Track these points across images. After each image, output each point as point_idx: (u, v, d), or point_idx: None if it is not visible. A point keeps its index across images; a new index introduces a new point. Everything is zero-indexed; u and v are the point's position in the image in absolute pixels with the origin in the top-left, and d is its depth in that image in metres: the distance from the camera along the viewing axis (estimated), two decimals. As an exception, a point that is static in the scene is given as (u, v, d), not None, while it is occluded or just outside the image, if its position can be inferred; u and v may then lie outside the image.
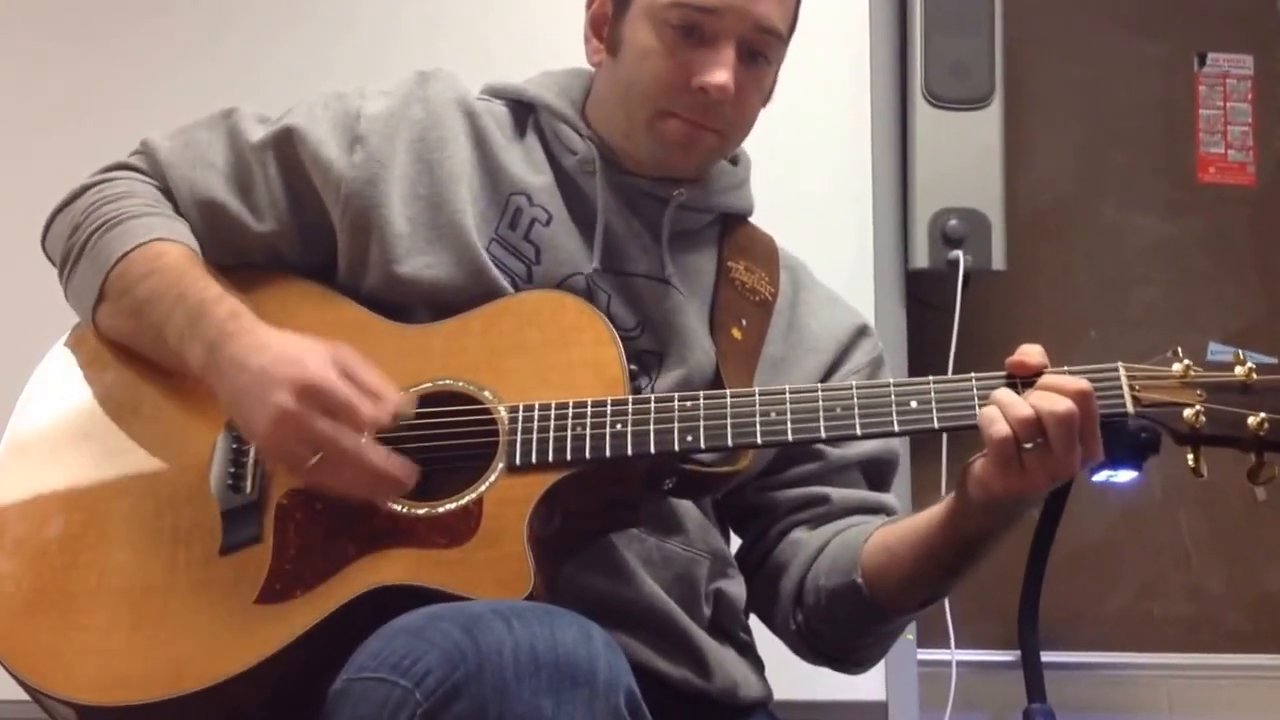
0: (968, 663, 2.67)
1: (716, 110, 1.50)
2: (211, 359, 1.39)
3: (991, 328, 2.75)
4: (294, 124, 1.55)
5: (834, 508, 1.57)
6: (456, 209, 1.52)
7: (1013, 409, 1.30)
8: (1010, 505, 1.35)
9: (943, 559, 1.42)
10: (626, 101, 1.54)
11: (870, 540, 1.48)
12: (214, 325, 1.40)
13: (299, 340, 1.37)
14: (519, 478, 1.36)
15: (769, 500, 1.59)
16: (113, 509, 1.41)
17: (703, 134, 1.52)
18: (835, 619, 1.51)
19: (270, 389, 1.32)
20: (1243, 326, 2.91)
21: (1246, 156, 3.01)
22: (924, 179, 2.64)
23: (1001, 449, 1.29)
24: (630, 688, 1.15)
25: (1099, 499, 2.82)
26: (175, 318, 1.42)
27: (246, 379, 1.35)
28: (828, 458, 1.58)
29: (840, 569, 1.49)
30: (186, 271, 1.46)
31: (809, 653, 1.58)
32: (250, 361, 1.35)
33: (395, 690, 1.10)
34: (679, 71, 1.49)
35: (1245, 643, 2.88)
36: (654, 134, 1.52)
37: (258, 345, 1.37)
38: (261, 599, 1.34)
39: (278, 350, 1.35)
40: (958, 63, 2.66)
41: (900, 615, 1.52)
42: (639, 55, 1.52)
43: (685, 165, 1.56)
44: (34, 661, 1.34)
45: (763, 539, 1.60)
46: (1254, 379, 1.33)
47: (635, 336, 1.54)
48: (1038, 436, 1.28)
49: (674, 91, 1.50)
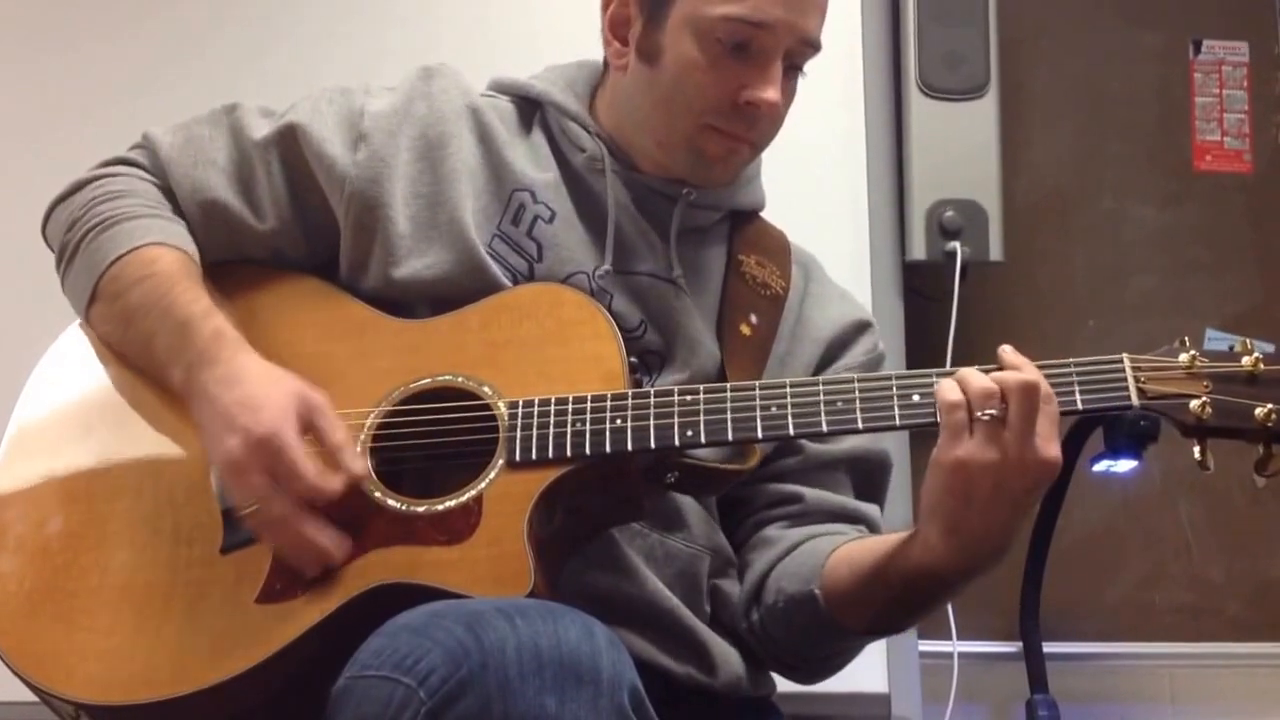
0: (970, 654, 2.67)
1: (757, 125, 1.50)
2: (188, 382, 1.40)
3: (989, 319, 2.75)
4: (298, 120, 1.54)
5: (808, 508, 1.55)
6: (456, 206, 1.52)
7: (970, 378, 1.29)
8: (960, 500, 1.29)
9: (890, 582, 1.39)
10: (668, 112, 1.52)
11: (836, 551, 1.46)
12: (194, 348, 1.40)
13: (271, 380, 1.37)
14: (519, 474, 1.36)
15: (747, 493, 1.58)
16: (114, 507, 1.41)
17: (741, 147, 1.53)
18: (789, 625, 1.49)
19: (225, 432, 1.33)
20: (1240, 313, 2.91)
21: (1243, 144, 3.01)
22: (920, 170, 2.63)
23: (952, 412, 1.28)
24: (634, 685, 1.14)
25: (1099, 489, 2.82)
26: (161, 333, 1.43)
27: (210, 413, 1.36)
28: (807, 453, 1.56)
29: (802, 576, 1.47)
30: (177, 282, 1.46)
31: (761, 654, 1.55)
32: (218, 396, 1.36)
33: (399, 688, 1.10)
34: (726, 86, 1.48)
35: (1246, 631, 2.87)
36: (693, 146, 1.52)
37: (229, 378, 1.37)
38: (262, 598, 1.33)
39: (244, 391, 1.35)
40: (952, 53, 2.66)
41: (853, 635, 1.49)
42: (684, 67, 1.49)
43: (721, 178, 1.56)
44: (37, 660, 1.34)
45: (735, 532, 1.59)
46: (1261, 369, 1.32)
47: (639, 336, 1.54)
48: (994, 405, 1.27)
49: (720, 106, 1.49)
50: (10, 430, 1.49)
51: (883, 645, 2.33)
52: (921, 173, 2.63)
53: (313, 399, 1.36)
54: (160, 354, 1.43)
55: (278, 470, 1.31)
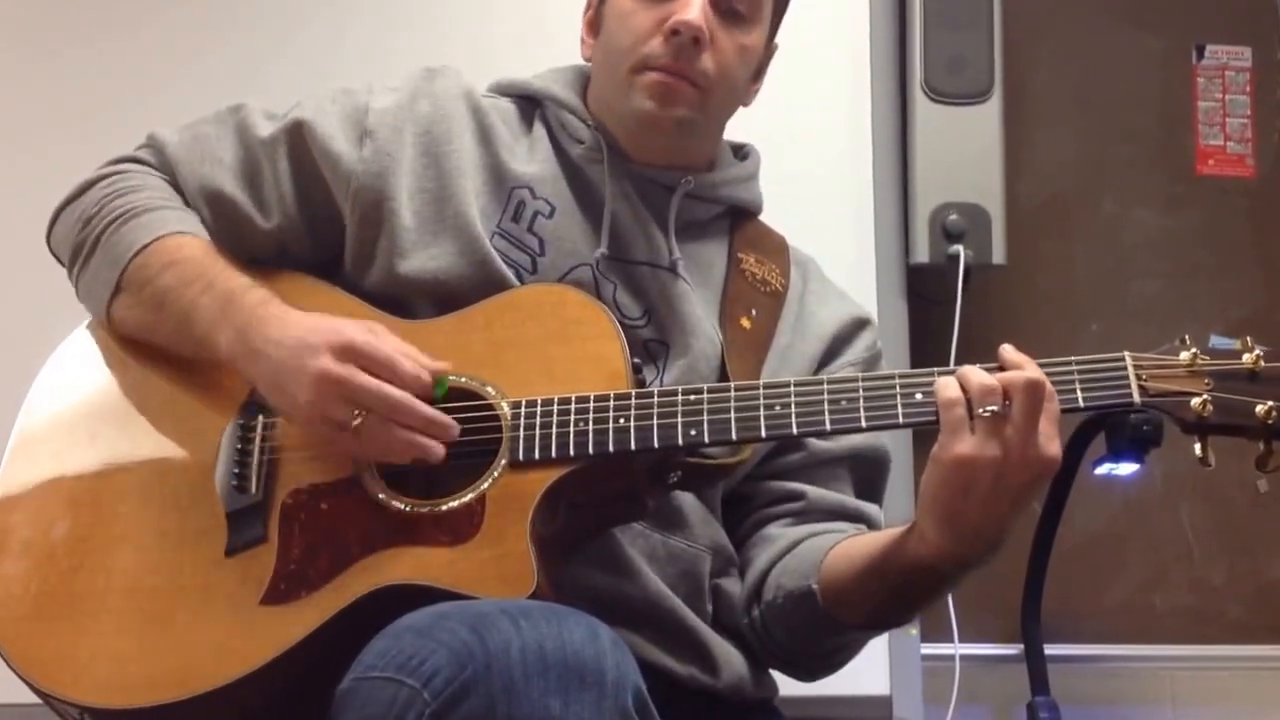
0: (971, 656, 2.67)
1: (691, 55, 1.51)
2: (243, 342, 1.40)
3: (993, 322, 2.75)
4: (304, 118, 1.55)
5: (810, 506, 1.56)
6: (462, 201, 1.52)
7: (969, 376, 1.29)
8: (959, 495, 1.28)
9: (887, 576, 1.39)
10: (613, 67, 1.56)
11: (835, 547, 1.47)
12: (244, 311, 1.42)
13: (330, 316, 1.40)
14: (522, 474, 1.36)
15: (748, 490, 1.58)
16: (119, 511, 1.42)
17: (680, 85, 1.52)
18: (788, 621, 1.50)
19: (309, 356, 1.34)
20: (1243, 318, 2.91)
21: (1245, 148, 3.01)
22: (924, 174, 2.64)
23: (951, 409, 1.28)
24: (638, 686, 1.15)
25: (1101, 492, 2.82)
26: (203, 304, 1.44)
27: (284, 353, 1.37)
28: (810, 450, 1.57)
29: (801, 572, 1.48)
30: (212, 263, 1.48)
31: (761, 651, 1.55)
32: (286, 337, 1.37)
33: (403, 690, 1.10)
34: (652, 20, 1.52)
35: (1247, 634, 2.88)
36: (634, 91, 1.53)
37: (292, 323, 1.39)
38: (266, 600, 1.34)
39: (312, 323, 1.38)
40: (957, 57, 2.66)
41: (850, 630, 1.49)
42: (618, 19, 1.56)
43: (665, 120, 1.54)
44: (42, 664, 1.34)
45: (738, 529, 1.59)
46: (1262, 366, 1.32)
47: (640, 325, 1.54)
48: (995, 402, 1.27)
49: (650, 40, 1.52)
50: (15, 434, 1.49)
51: (884, 647, 2.33)
52: (925, 176, 2.64)
53: (373, 323, 1.39)
54: (202, 324, 1.44)
55: (376, 364, 1.33)
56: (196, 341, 1.45)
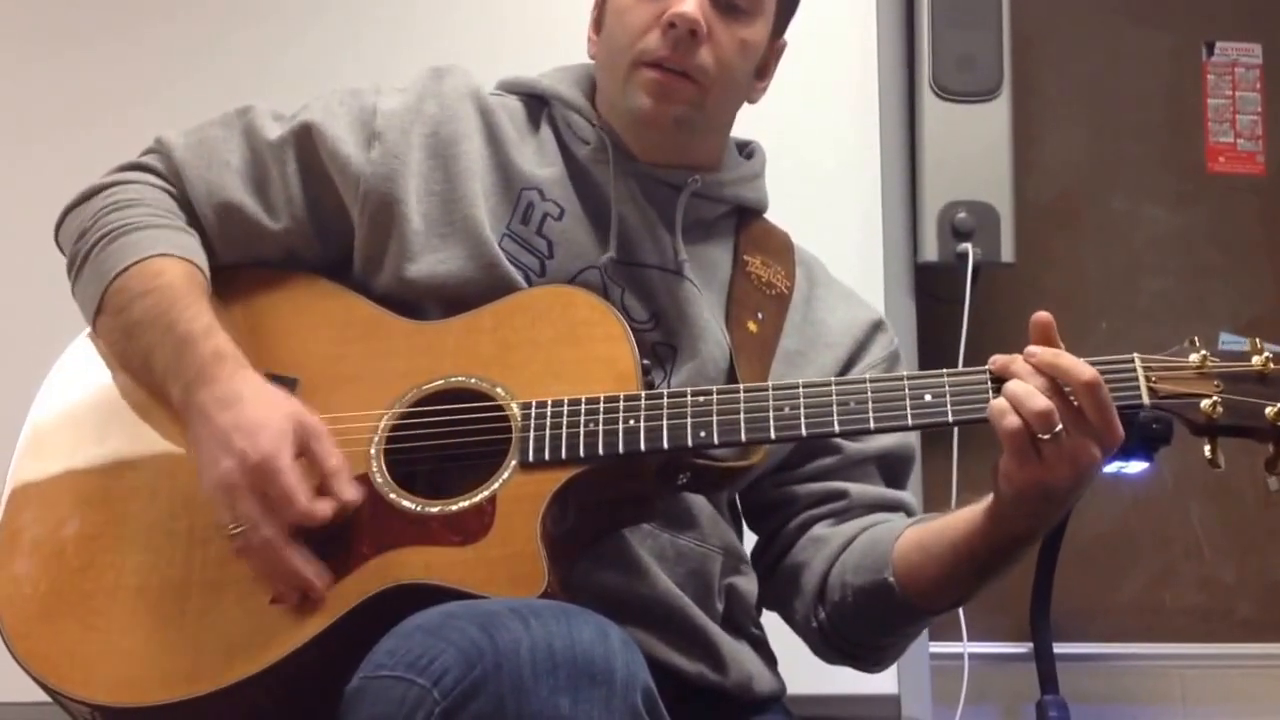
0: (980, 655, 2.67)
1: (688, 48, 1.51)
2: (185, 400, 1.39)
3: (1001, 320, 2.74)
4: (312, 120, 1.55)
5: (853, 503, 1.57)
6: (470, 203, 1.52)
7: (1024, 402, 1.28)
8: (1039, 499, 1.31)
9: (980, 558, 1.40)
10: (613, 63, 1.56)
11: (902, 538, 1.47)
12: (193, 367, 1.40)
13: (269, 403, 1.37)
14: (532, 474, 1.36)
15: (787, 495, 1.59)
16: (129, 509, 1.42)
17: (677, 81, 1.52)
18: (862, 616, 1.50)
19: (221, 452, 1.33)
20: (1254, 316, 2.91)
21: (1256, 145, 3.01)
22: (932, 172, 2.64)
23: (1014, 441, 1.28)
24: (647, 685, 1.15)
25: (1110, 490, 2.82)
26: (160, 350, 1.43)
27: (206, 433, 1.36)
28: (845, 452, 1.58)
29: (869, 566, 1.48)
30: (180, 297, 1.45)
31: (829, 650, 1.57)
32: (214, 417, 1.36)
33: (413, 689, 1.10)
34: (650, 15, 1.52)
35: (1257, 632, 2.88)
36: (632, 86, 1.53)
37: (227, 399, 1.36)
38: (276, 599, 1.33)
39: (241, 412, 1.35)
40: (966, 55, 2.66)
41: (930, 614, 1.51)
42: (616, 16, 1.56)
43: (662, 117, 1.53)
44: (52, 662, 1.34)
45: (781, 534, 1.60)
46: (1271, 368, 1.31)
47: (649, 329, 1.54)
48: (1052, 428, 1.27)
49: (647, 34, 1.52)
50: (25, 433, 1.49)
51: (893, 646, 2.33)
52: (934, 174, 2.64)
53: (309, 423, 1.36)
54: (159, 371, 1.43)
55: (270, 495, 1.31)
56: (155, 385, 1.45)
